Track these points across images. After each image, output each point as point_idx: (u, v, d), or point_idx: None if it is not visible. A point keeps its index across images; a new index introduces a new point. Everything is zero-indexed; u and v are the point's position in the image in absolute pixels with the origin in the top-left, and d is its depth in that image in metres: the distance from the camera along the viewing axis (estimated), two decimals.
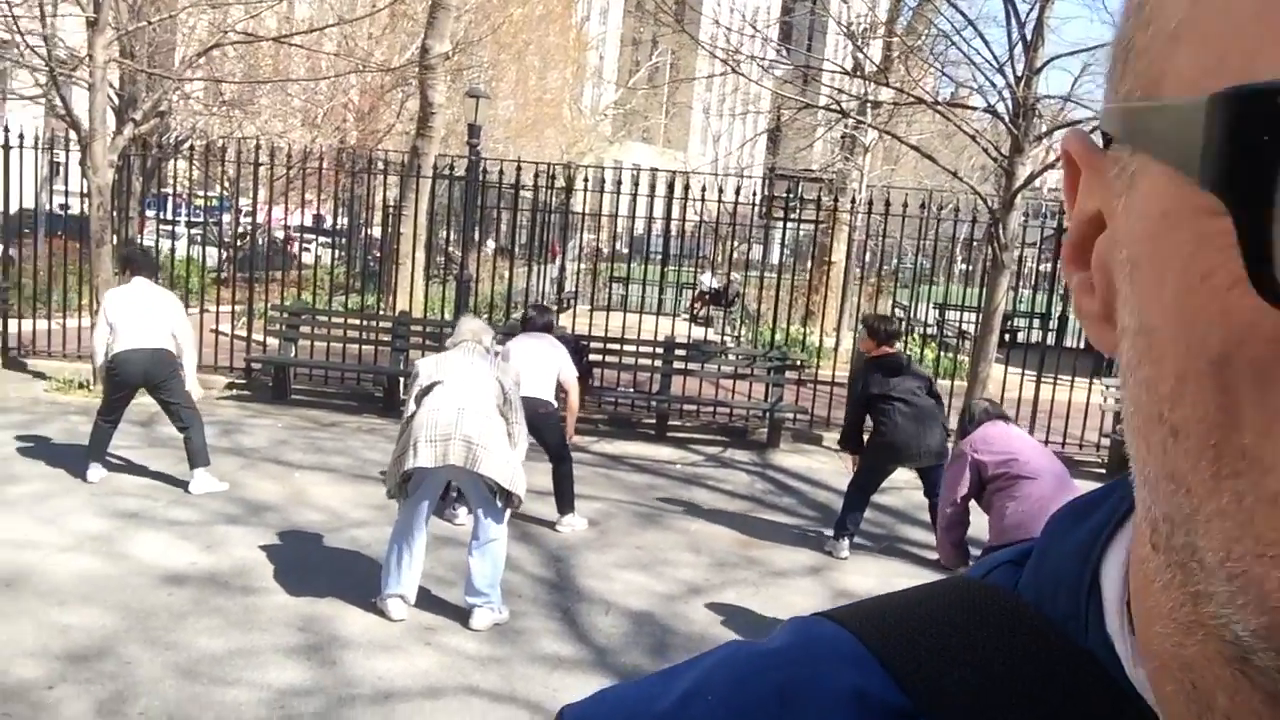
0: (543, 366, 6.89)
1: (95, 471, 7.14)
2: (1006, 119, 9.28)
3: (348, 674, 4.63)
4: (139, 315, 7.04)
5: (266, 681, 4.47)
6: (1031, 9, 9.13)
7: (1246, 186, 0.26)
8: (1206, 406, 0.29)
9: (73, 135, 10.36)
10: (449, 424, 5.00)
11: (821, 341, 13.82)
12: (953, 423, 6.96)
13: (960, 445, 5.11)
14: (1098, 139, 0.36)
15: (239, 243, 13.59)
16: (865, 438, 6.81)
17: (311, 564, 5.92)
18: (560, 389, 7.01)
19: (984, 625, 0.41)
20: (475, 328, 5.59)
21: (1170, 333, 0.30)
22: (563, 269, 17.60)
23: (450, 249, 18.29)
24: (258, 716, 4.16)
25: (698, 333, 15.17)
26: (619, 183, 12.04)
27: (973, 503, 5.01)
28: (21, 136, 10.76)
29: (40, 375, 10.60)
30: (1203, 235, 0.28)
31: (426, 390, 5.18)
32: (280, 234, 15.88)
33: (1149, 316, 0.31)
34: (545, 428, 6.67)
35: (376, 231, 17.96)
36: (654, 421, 10.44)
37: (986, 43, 9.86)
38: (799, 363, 10.95)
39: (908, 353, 6.88)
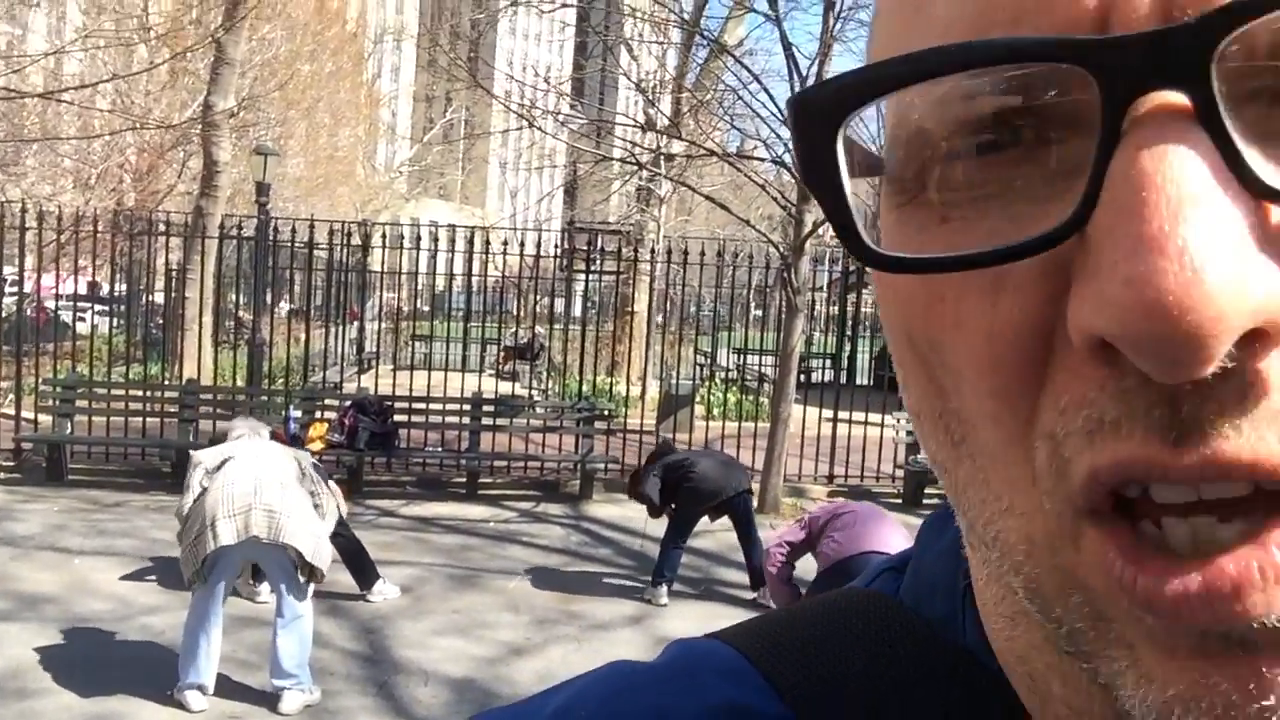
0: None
1: None
2: (792, 169, 9.70)
3: None
4: None
5: None
6: (812, 64, 9.62)
7: (816, 169, 0.29)
8: (922, 383, 0.32)
9: None
10: (246, 495, 4.75)
11: (628, 390, 13.97)
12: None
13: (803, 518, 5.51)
14: None
15: (3, 315, 12.58)
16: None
17: (98, 658, 5.46)
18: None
19: (865, 631, 0.41)
20: (255, 423, 5.52)
21: (886, 329, 0.33)
22: (362, 329, 17.19)
23: (240, 312, 17.53)
24: None
25: (505, 388, 15.06)
26: (417, 239, 11.88)
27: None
28: None
29: None
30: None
31: (217, 468, 4.91)
32: (51, 304, 14.78)
33: (883, 324, 0.34)
34: None
35: (159, 297, 17.02)
36: (464, 480, 10.25)
37: (771, 96, 10.27)
38: (607, 413, 11.01)
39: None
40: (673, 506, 6.95)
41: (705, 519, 7.00)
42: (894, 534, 4.87)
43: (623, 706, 0.40)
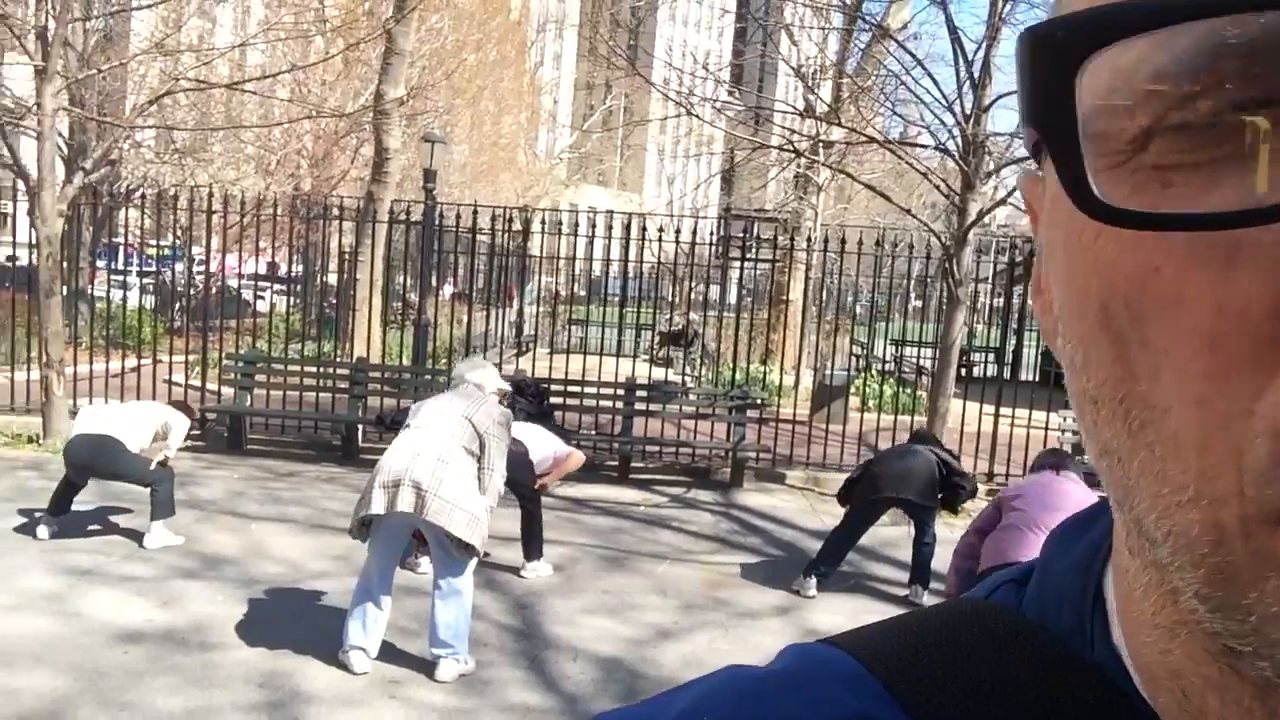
0: (534, 433, 6.98)
1: (45, 528, 6.95)
2: (956, 156, 9.43)
3: None
4: (105, 410, 7.24)
5: None
6: (978, 49, 9.32)
7: (1050, 111, 0.28)
8: (1108, 364, 0.30)
9: (21, 185, 10.20)
10: (401, 470, 4.89)
11: (781, 380, 13.87)
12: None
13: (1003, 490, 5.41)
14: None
15: (191, 292, 13.42)
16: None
17: (271, 617, 5.79)
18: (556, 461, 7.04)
19: (988, 644, 0.40)
20: (463, 367, 5.55)
21: (1069, 301, 0.32)
22: (520, 312, 17.59)
23: (407, 294, 18.20)
24: None
25: (658, 373, 15.18)
26: (576, 225, 12.07)
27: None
28: None
29: None
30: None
31: (400, 427, 5.14)
32: (234, 282, 15.71)
33: (1059, 296, 0.33)
34: (514, 467, 6.47)
35: (332, 278, 17.83)
36: (617, 463, 10.39)
37: (936, 82, 10.00)
38: (760, 401, 10.96)
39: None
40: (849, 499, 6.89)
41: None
42: (1079, 492, 4.74)
43: (748, 713, 0.40)
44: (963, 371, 12.78)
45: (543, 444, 6.97)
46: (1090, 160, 0.29)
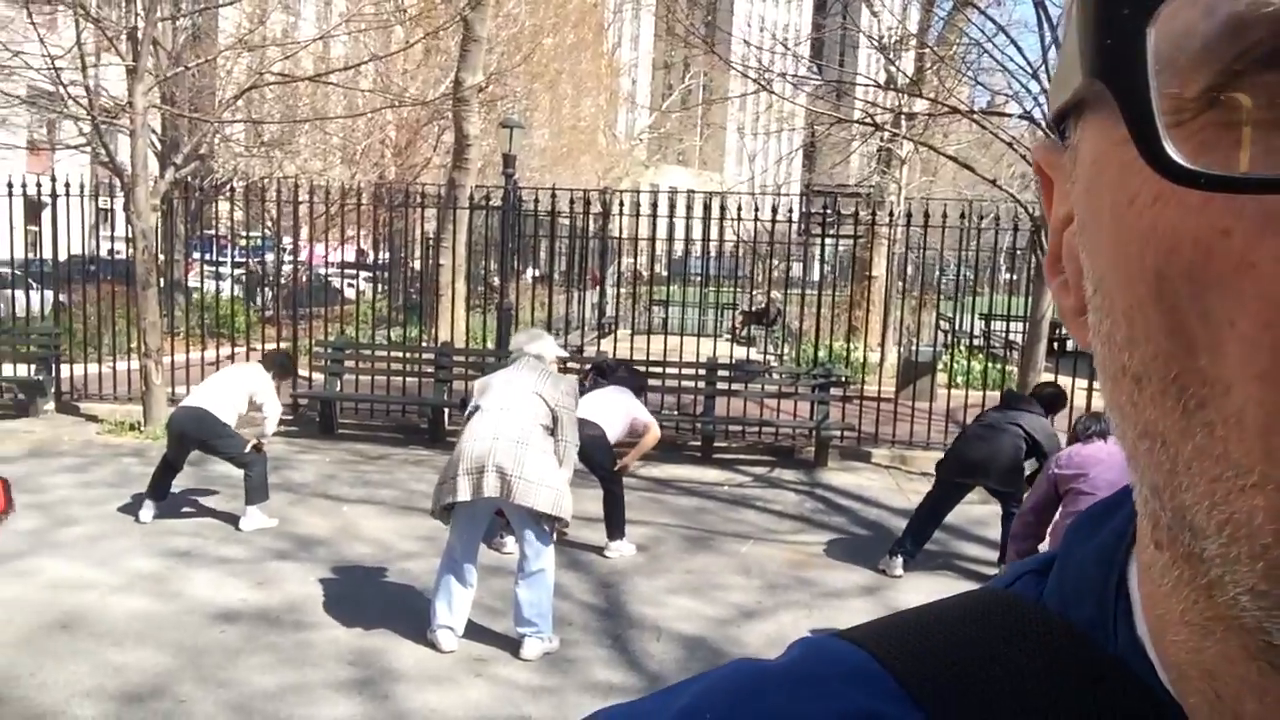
0: (608, 404, 6.88)
1: (147, 511, 7.21)
2: (1043, 125, 9.16)
3: (400, 707, 4.61)
4: (209, 383, 7.42)
5: (319, 717, 4.45)
6: (1063, 13, 9.02)
7: (1118, 62, 0.27)
8: (1159, 339, 0.28)
9: (118, 182, 10.54)
10: (483, 455, 4.94)
11: (865, 357, 13.69)
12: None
13: (1049, 459, 5.17)
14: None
15: (283, 280, 13.75)
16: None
17: (362, 598, 5.92)
18: (634, 432, 7.01)
19: (1005, 636, 0.38)
20: (522, 339, 5.51)
21: (1114, 272, 0.30)
22: (603, 294, 17.64)
23: (490, 278, 18.40)
24: None
25: (740, 353, 15.11)
26: (656, 205, 12.04)
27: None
28: (68, 185, 10.99)
29: (93, 418, 10.76)
30: (1124, 162, 0.28)
31: (472, 414, 5.16)
32: (323, 271, 16.05)
33: (1098, 269, 0.31)
34: (594, 449, 6.53)
35: (417, 264, 18.11)
36: (700, 444, 10.38)
37: (1020, 49, 9.72)
38: (844, 379, 10.83)
39: (1019, 392, 6.80)
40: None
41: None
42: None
43: (750, 710, 0.38)
44: (1054, 345, 12.45)
45: (616, 411, 6.88)
46: (1162, 116, 0.27)
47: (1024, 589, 0.42)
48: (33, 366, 11.16)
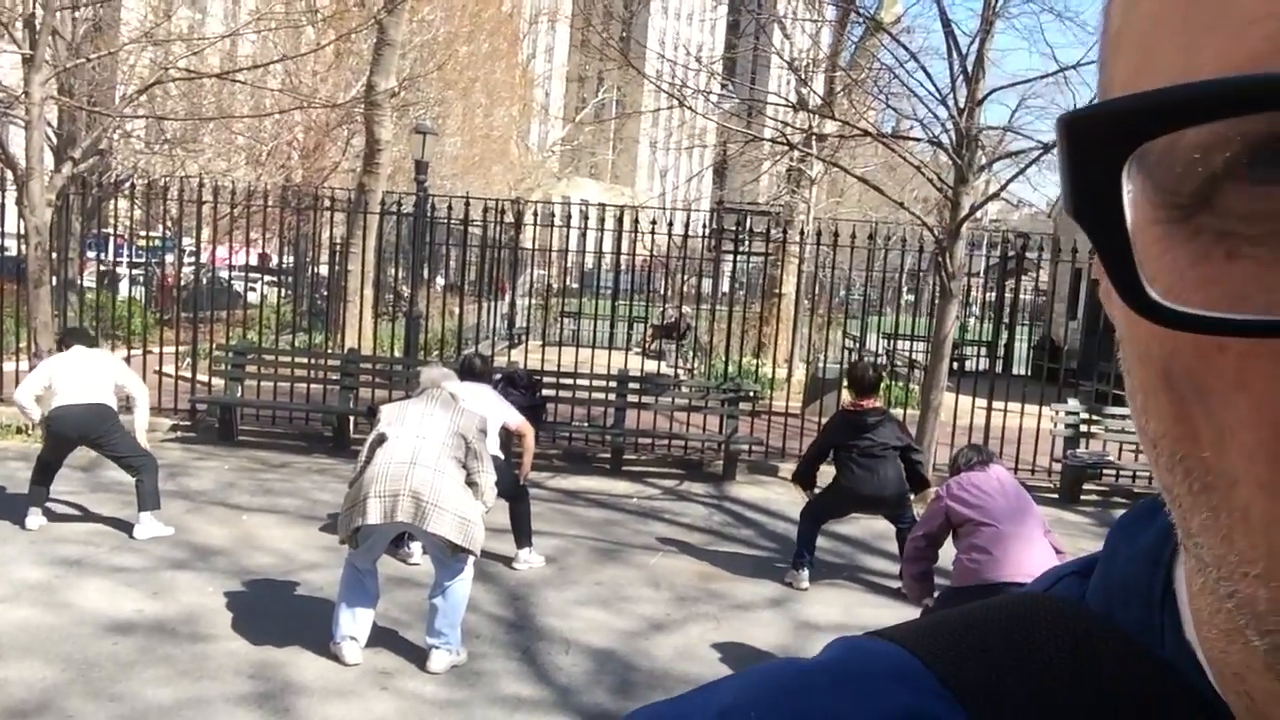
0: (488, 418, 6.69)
1: (34, 519, 6.91)
2: (950, 150, 9.42)
3: None
4: (77, 373, 6.94)
5: None
6: (972, 42, 9.30)
7: (1092, 208, 0.26)
8: (1167, 420, 0.29)
9: (8, 174, 10.13)
10: (398, 478, 4.88)
11: (774, 373, 13.87)
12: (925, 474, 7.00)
13: (939, 488, 5.20)
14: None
15: (181, 283, 13.35)
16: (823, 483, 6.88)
17: (262, 609, 5.76)
18: (512, 435, 6.88)
19: (1051, 637, 0.37)
20: (436, 375, 5.46)
21: (1128, 345, 0.30)
22: (513, 305, 17.52)
23: (399, 286, 18.15)
24: None
25: (650, 366, 15.16)
26: (568, 218, 12.04)
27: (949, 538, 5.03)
28: None
29: None
30: None
31: (380, 441, 5.07)
32: (225, 274, 15.62)
33: (1119, 331, 0.31)
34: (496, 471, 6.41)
35: (324, 269, 17.77)
36: (609, 455, 10.37)
37: (929, 75, 9.98)
38: (752, 394, 10.95)
39: (887, 410, 6.87)
40: (815, 490, 6.87)
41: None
42: (1041, 558, 4.62)
43: (794, 708, 0.38)
44: (955, 365, 12.78)
45: (493, 415, 6.69)
46: (1146, 208, 0.27)
47: (1066, 591, 0.41)
48: None
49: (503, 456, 6.65)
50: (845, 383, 6.96)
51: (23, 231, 9.92)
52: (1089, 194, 0.26)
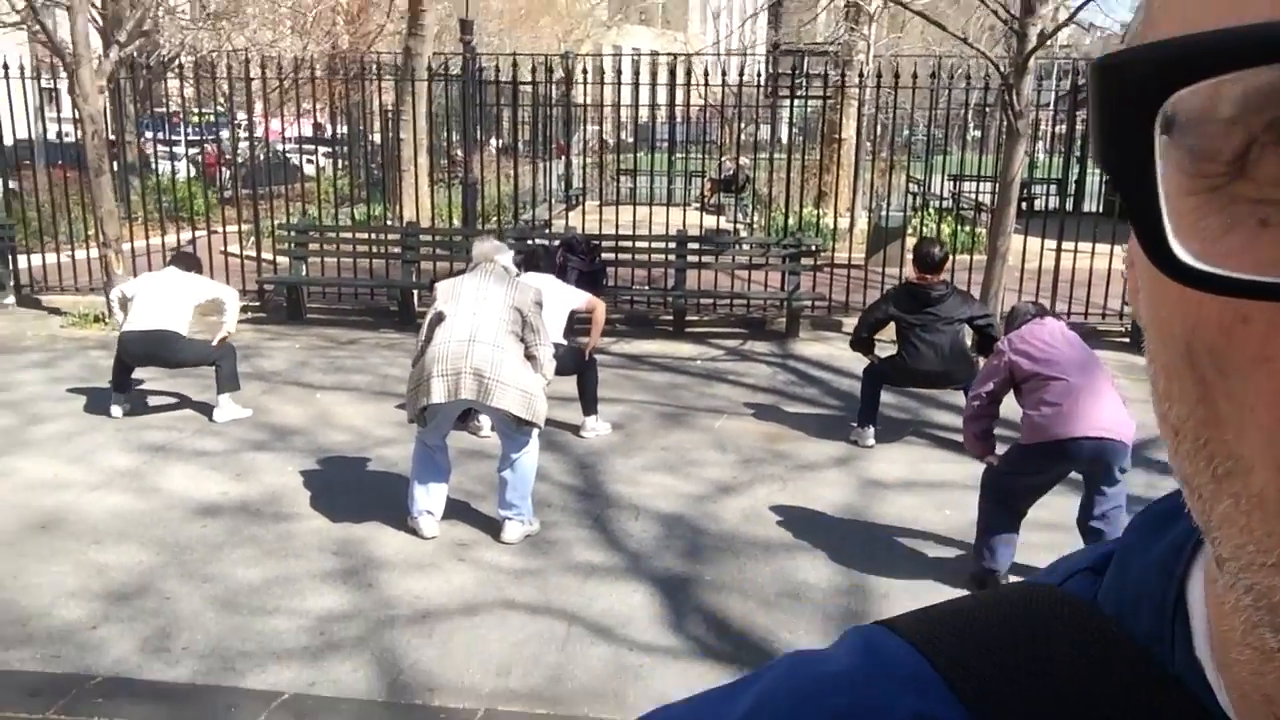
0: (550, 310, 6.57)
1: (118, 406, 7.15)
2: None
3: (385, 595, 4.68)
4: (154, 296, 7.04)
5: (305, 608, 4.53)
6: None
7: (1123, 159, 0.25)
8: (1190, 403, 0.28)
9: (58, 63, 10.10)
10: (458, 356, 4.93)
11: (835, 223, 13.61)
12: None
13: (1000, 343, 5.06)
14: None
15: (238, 160, 13.36)
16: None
17: (341, 486, 5.96)
18: (579, 317, 6.87)
19: (1062, 642, 0.38)
20: (488, 249, 5.41)
21: (1152, 328, 0.30)
22: (568, 164, 17.32)
23: (454, 151, 17.99)
24: (299, 644, 4.22)
25: (710, 222, 14.97)
26: (619, 71, 11.72)
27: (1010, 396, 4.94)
28: (6, 66, 10.52)
29: (56, 311, 10.59)
30: None
31: (439, 319, 5.10)
32: (281, 147, 15.61)
33: (1143, 314, 0.31)
34: (559, 363, 6.36)
35: (377, 138, 17.66)
36: (671, 318, 10.37)
37: None
38: (814, 248, 10.78)
39: (952, 283, 6.67)
40: (876, 356, 6.80)
41: None
42: (1111, 411, 4.51)
43: (810, 714, 0.40)
44: (1023, 205, 12.41)
45: (553, 313, 6.61)
46: (1177, 175, 0.25)
47: (1078, 589, 0.41)
48: None
49: (565, 342, 6.65)
50: (911, 258, 6.79)
51: (78, 118, 9.95)
52: (1120, 143, 0.25)
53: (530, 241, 10.24)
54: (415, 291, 10.49)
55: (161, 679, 3.93)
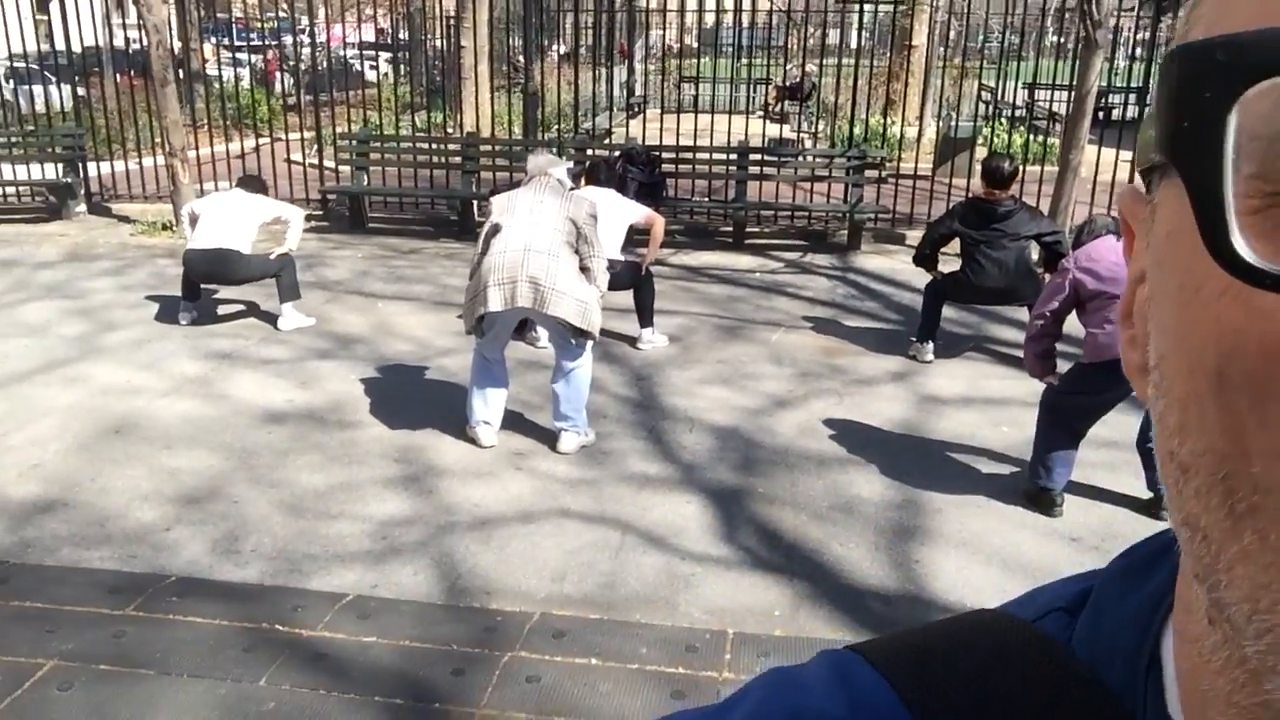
0: (609, 224, 6.40)
1: (186, 315, 7.33)
2: None
3: (445, 502, 4.80)
4: (217, 216, 7.16)
5: (368, 514, 4.66)
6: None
7: (1193, 146, 0.25)
8: (1212, 435, 0.27)
9: None
10: (514, 265, 4.94)
11: (903, 132, 13.28)
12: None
13: (1065, 260, 4.92)
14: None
15: (300, 66, 13.37)
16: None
17: (403, 395, 6.07)
18: (637, 232, 6.84)
19: (1040, 687, 0.38)
20: (543, 162, 5.39)
21: (1174, 357, 0.28)
22: (631, 71, 17.06)
23: (515, 58, 17.80)
24: (362, 548, 4.35)
25: (774, 130, 14.70)
26: None
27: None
28: None
29: (125, 219, 10.80)
30: (1196, 246, 0.26)
31: (495, 231, 5.11)
32: (344, 53, 15.57)
33: (1159, 346, 0.30)
34: (613, 281, 6.19)
35: (439, 44, 17.52)
36: (731, 229, 10.28)
37: None
38: (879, 160, 10.55)
39: (1020, 198, 6.47)
40: (939, 272, 6.69)
41: None
42: None
43: None
44: (1100, 114, 11.98)
45: (611, 228, 6.45)
46: (1237, 202, 0.25)
47: (1053, 628, 0.41)
48: (60, 167, 11.11)
49: (622, 258, 6.65)
50: (979, 172, 6.60)
51: (143, 25, 10.00)
52: (1192, 133, 0.25)
53: (590, 152, 10.18)
54: (475, 201, 10.50)
55: (231, 579, 4.09)
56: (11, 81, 12.64)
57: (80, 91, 12.25)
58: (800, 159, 11.00)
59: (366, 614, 3.78)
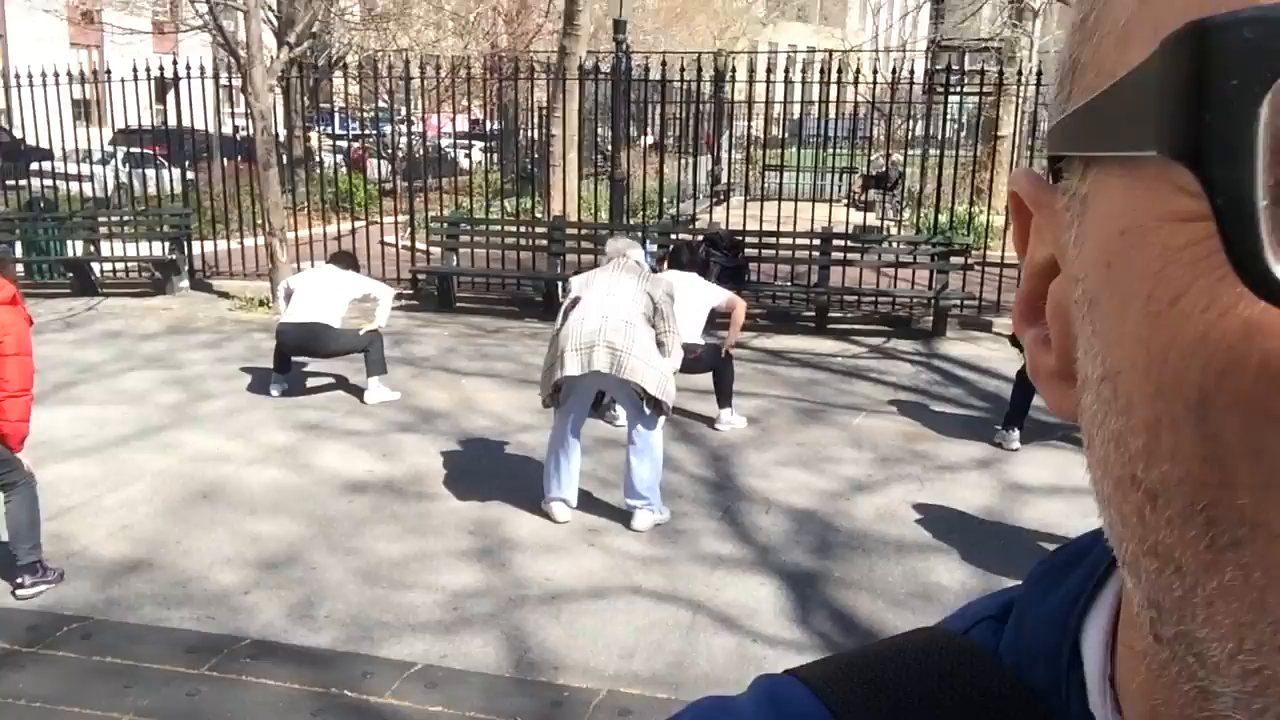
0: (690, 307, 6.52)
1: (277, 386, 7.53)
2: None
3: (517, 575, 4.79)
4: (310, 291, 7.44)
5: (441, 584, 4.67)
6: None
7: (1218, 147, 0.21)
8: (1189, 462, 0.24)
9: (233, 62, 10.68)
10: (593, 332, 5.01)
11: (989, 221, 13.19)
12: None
13: None
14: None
15: (398, 154, 13.87)
16: None
17: (481, 469, 6.12)
18: (719, 315, 6.91)
19: (965, 696, 0.39)
20: (621, 245, 5.55)
21: (1138, 374, 0.25)
22: (717, 160, 17.31)
23: (604, 147, 18.22)
24: (434, 618, 4.36)
25: (859, 218, 14.72)
26: (769, 70, 11.64)
27: None
28: (188, 67, 11.20)
29: (224, 295, 11.22)
30: (1169, 249, 0.24)
31: (573, 304, 5.20)
32: (440, 142, 16.14)
33: (1112, 359, 0.26)
34: (694, 364, 6.39)
35: (532, 133, 18.04)
36: (813, 314, 10.25)
37: None
38: (965, 246, 10.47)
39: None
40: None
41: None
42: None
43: None
44: None
45: (692, 311, 6.55)
46: (1268, 212, 0.21)
47: (982, 637, 0.42)
48: (166, 245, 11.63)
49: (703, 341, 6.70)
50: None
51: (250, 114, 10.51)
52: (1218, 125, 0.21)
53: (674, 237, 10.31)
54: (560, 283, 10.66)
55: (304, 644, 4.13)
56: (128, 165, 13.32)
57: (190, 175, 12.87)
58: (885, 245, 10.97)
59: (434, 683, 3.77)
